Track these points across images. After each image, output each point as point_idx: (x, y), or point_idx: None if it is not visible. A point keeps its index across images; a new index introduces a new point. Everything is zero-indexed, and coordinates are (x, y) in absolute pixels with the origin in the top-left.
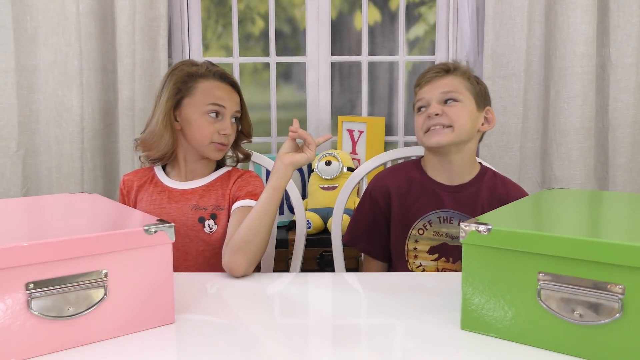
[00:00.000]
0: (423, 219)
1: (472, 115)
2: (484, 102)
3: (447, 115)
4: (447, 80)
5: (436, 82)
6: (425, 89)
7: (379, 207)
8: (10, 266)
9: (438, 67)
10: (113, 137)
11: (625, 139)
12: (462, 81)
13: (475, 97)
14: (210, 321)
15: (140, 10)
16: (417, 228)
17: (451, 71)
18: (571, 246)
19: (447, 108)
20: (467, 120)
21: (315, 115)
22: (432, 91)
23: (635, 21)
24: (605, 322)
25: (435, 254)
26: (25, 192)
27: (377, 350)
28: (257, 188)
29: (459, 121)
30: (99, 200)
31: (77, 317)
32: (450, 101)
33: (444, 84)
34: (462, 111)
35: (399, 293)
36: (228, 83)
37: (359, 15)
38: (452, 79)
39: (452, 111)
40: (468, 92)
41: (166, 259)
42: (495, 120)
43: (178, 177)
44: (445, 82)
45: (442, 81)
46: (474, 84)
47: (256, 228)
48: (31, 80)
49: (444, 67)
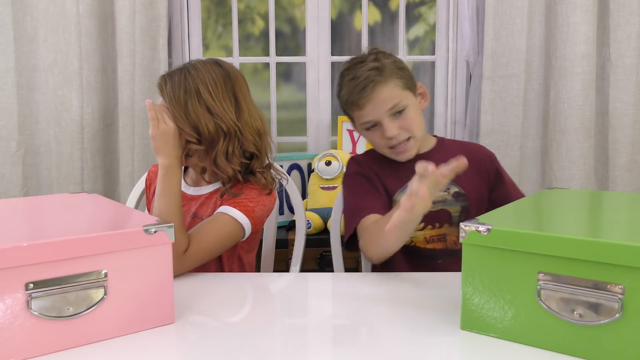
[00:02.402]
0: (400, 193)
1: (416, 109)
2: (414, 83)
3: (404, 128)
4: (385, 92)
5: (375, 99)
6: (367, 110)
7: (369, 179)
8: (10, 266)
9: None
10: (113, 137)
11: (625, 139)
12: (395, 82)
13: (410, 87)
14: (210, 321)
15: (140, 10)
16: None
17: (381, 79)
18: (571, 246)
19: (399, 122)
20: (419, 121)
21: (315, 115)
22: (375, 110)
23: (635, 21)
24: (605, 322)
25: (421, 224)
26: (25, 192)
27: (377, 350)
28: (246, 199)
29: (414, 127)
30: (99, 200)
31: (77, 317)
32: (398, 113)
33: (384, 100)
34: (412, 115)
35: (398, 293)
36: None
37: (359, 15)
38: (386, 87)
39: (406, 122)
40: (404, 90)
41: (166, 259)
42: (427, 92)
43: (190, 181)
44: (384, 96)
45: (380, 96)
46: (402, 75)
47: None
48: (31, 80)
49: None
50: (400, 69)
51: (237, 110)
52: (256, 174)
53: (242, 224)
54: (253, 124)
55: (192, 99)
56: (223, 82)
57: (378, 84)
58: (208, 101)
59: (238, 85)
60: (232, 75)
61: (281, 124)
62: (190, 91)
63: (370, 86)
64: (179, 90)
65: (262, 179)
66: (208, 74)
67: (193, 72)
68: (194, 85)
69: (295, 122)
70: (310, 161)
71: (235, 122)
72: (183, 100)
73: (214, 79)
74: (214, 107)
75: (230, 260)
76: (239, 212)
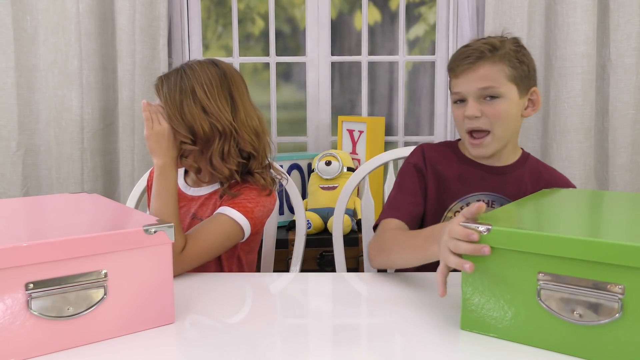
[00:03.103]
0: (461, 201)
1: (514, 108)
2: (529, 83)
3: (487, 116)
4: (485, 69)
5: (472, 72)
6: (460, 81)
7: (423, 178)
8: (10, 266)
9: (475, 49)
10: (113, 137)
11: (625, 139)
12: (503, 67)
13: (518, 82)
14: (210, 321)
15: (140, 10)
16: (454, 210)
17: (489, 55)
18: (571, 246)
19: (486, 107)
20: (508, 119)
21: (315, 115)
22: (467, 84)
23: (635, 21)
24: (605, 322)
25: None
26: (25, 192)
27: (377, 350)
28: (246, 200)
29: (498, 123)
30: (99, 200)
31: (77, 317)
32: (489, 97)
33: (481, 76)
34: (503, 109)
35: (398, 293)
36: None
37: (359, 15)
38: (491, 67)
39: (491, 111)
40: (509, 81)
41: (166, 259)
42: (541, 102)
43: (191, 182)
44: (483, 72)
45: (479, 72)
46: (517, 67)
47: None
48: (31, 80)
49: (481, 50)
50: (520, 61)
51: (233, 109)
52: (255, 175)
53: (241, 224)
54: (249, 124)
55: (187, 99)
56: (219, 82)
57: (483, 59)
58: (203, 100)
59: (235, 84)
60: (229, 74)
61: (281, 124)
62: (186, 91)
63: (474, 57)
64: (175, 91)
65: (261, 180)
66: (204, 74)
67: (189, 73)
68: (189, 85)
69: (295, 122)
70: (310, 161)
71: (230, 121)
72: (179, 101)
73: (209, 78)
74: (209, 106)
75: (230, 261)
76: (237, 213)
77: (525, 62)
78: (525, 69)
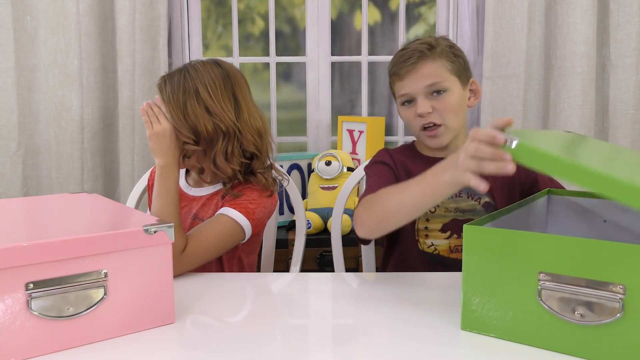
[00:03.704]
0: None
1: (460, 99)
2: (467, 75)
3: (437, 111)
4: (428, 67)
5: (417, 71)
6: (406, 82)
7: (394, 173)
8: (10, 266)
9: (414, 50)
10: (113, 137)
11: (625, 139)
12: (443, 63)
13: (459, 75)
14: (210, 321)
15: (140, 10)
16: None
17: (429, 54)
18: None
19: (435, 102)
20: (457, 110)
21: (315, 115)
22: (414, 84)
23: (635, 21)
24: (606, 322)
25: (447, 232)
26: (25, 192)
27: (377, 350)
28: (247, 201)
29: (449, 115)
30: (99, 200)
31: (77, 317)
32: (436, 93)
33: (426, 74)
34: (451, 102)
35: (398, 293)
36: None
37: (359, 15)
38: (432, 64)
39: (441, 105)
40: (451, 75)
41: (166, 259)
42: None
43: (192, 182)
44: (427, 70)
45: (423, 70)
46: (454, 61)
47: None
48: (31, 80)
49: (420, 50)
50: (456, 55)
51: (237, 110)
52: (257, 175)
53: (242, 225)
54: (253, 124)
55: (190, 99)
56: (222, 82)
57: (424, 58)
58: (207, 101)
59: (238, 85)
60: (232, 75)
61: (281, 124)
62: (189, 92)
63: (416, 57)
64: (178, 91)
65: (263, 180)
66: (207, 74)
67: (192, 73)
68: (192, 86)
69: (295, 122)
70: (310, 161)
71: (234, 122)
72: (182, 101)
73: (213, 79)
74: (213, 107)
75: (231, 262)
76: (239, 214)
77: (459, 55)
78: (462, 61)
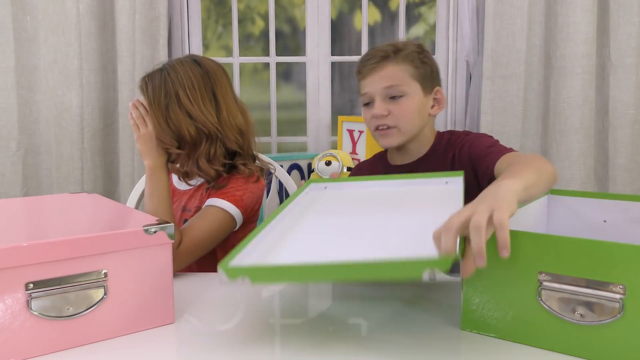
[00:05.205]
0: None
1: (419, 106)
2: (432, 83)
3: (393, 114)
4: (390, 70)
5: (378, 72)
6: (367, 81)
7: None
8: (10, 266)
9: (379, 51)
10: (113, 137)
11: (625, 139)
12: (406, 67)
13: (422, 81)
14: (210, 321)
15: (140, 10)
16: None
17: (393, 56)
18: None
19: (392, 106)
20: (414, 116)
21: (315, 115)
22: (374, 84)
23: (635, 21)
24: (606, 322)
25: None
26: (25, 192)
27: (377, 350)
28: (233, 188)
29: (404, 120)
30: (99, 200)
31: (77, 317)
32: (394, 97)
33: (386, 76)
34: (408, 107)
35: (398, 293)
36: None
37: (359, 15)
38: (394, 66)
39: (397, 109)
40: (413, 80)
41: (166, 259)
42: (445, 101)
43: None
44: (388, 72)
45: (384, 72)
46: (419, 67)
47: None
48: (31, 80)
49: (385, 51)
50: (423, 62)
51: (217, 110)
52: (239, 167)
53: (232, 213)
54: (233, 122)
55: (172, 104)
56: (202, 82)
57: (387, 59)
58: (187, 106)
59: (218, 82)
60: (211, 73)
61: (281, 124)
62: (171, 95)
63: (379, 57)
64: (160, 94)
65: (245, 170)
66: (186, 76)
67: (172, 75)
68: (173, 90)
69: (295, 122)
70: (310, 161)
71: (216, 124)
72: (164, 104)
73: (192, 80)
74: (194, 111)
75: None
76: (227, 203)
77: (427, 63)
78: (428, 69)
